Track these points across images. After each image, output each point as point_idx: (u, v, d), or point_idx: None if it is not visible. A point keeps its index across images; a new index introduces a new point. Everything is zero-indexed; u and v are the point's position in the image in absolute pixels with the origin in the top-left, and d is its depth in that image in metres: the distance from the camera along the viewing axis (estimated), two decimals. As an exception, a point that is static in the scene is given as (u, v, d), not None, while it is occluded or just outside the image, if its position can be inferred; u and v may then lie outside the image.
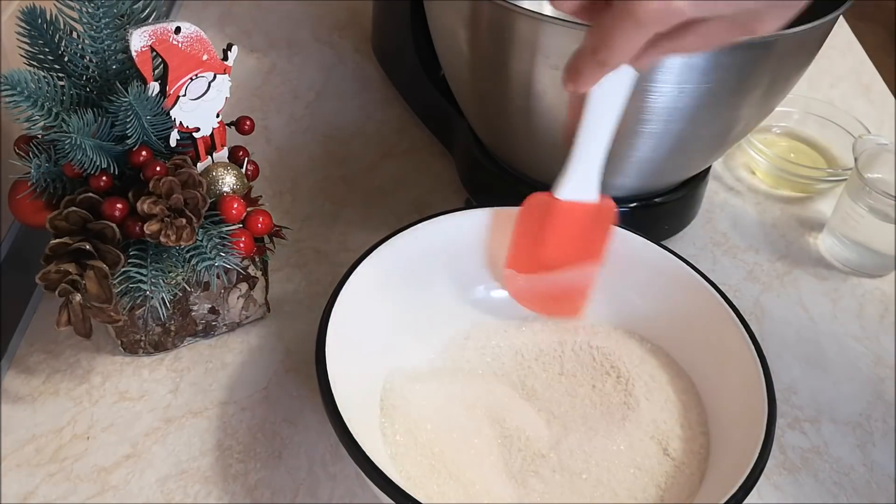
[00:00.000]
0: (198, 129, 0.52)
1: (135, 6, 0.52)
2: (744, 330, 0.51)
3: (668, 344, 0.56)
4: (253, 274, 0.58)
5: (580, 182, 0.53)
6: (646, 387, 0.54)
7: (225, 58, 0.51)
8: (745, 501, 0.43)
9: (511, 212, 0.57)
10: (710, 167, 0.70)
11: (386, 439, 0.50)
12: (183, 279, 0.53)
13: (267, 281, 0.59)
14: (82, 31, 0.51)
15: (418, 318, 0.56)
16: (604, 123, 0.50)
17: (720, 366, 0.52)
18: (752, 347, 0.50)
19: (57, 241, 0.49)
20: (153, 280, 0.51)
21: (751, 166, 0.79)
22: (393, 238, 0.55)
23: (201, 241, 0.51)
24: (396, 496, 0.42)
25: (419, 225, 0.56)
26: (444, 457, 0.49)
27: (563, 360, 0.56)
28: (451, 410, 0.52)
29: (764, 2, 0.39)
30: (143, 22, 0.52)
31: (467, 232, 0.57)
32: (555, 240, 0.55)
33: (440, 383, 0.54)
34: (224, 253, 0.51)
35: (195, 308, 0.57)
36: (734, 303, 0.53)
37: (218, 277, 0.53)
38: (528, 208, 0.55)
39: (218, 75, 0.51)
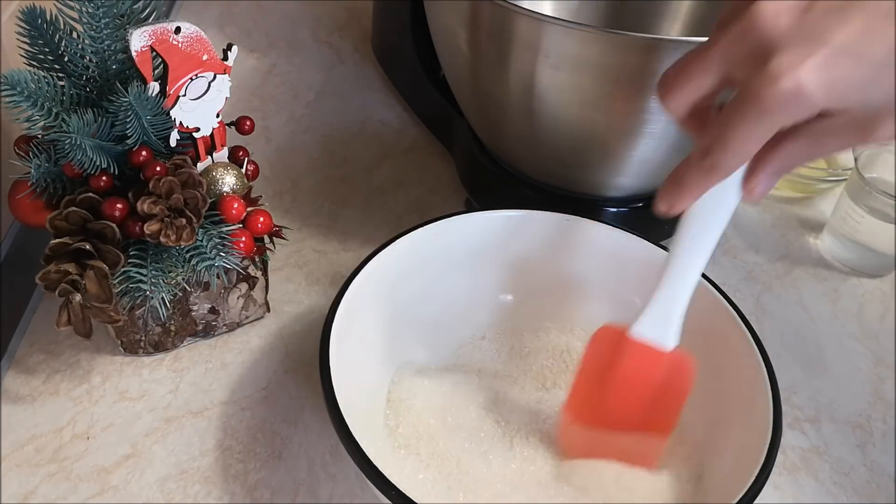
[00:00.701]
0: (198, 129, 0.52)
1: (135, 6, 0.52)
2: (746, 330, 0.51)
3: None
4: (253, 274, 0.58)
5: (660, 320, 0.46)
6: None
7: (225, 58, 0.51)
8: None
9: (516, 215, 0.57)
10: (710, 167, 0.70)
11: (389, 431, 0.50)
12: (183, 279, 0.53)
13: (267, 281, 0.59)
14: (82, 31, 0.51)
15: (428, 318, 0.56)
16: (697, 254, 0.44)
17: (721, 368, 0.52)
18: (755, 348, 0.50)
19: (57, 241, 0.49)
20: (153, 280, 0.51)
21: (751, 166, 0.79)
22: (401, 238, 0.54)
23: (201, 241, 0.51)
24: (396, 497, 0.42)
25: (429, 225, 0.55)
26: (446, 453, 0.49)
27: (574, 367, 0.56)
28: (456, 407, 0.52)
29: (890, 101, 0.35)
30: (143, 22, 0.52)
31: (475, 235, 0.57)
32: (622, 386, 0.47)
33: (448, 380, 0.54)
34: (224, 253, 0.51)
35: (195, 308, 0.57)
36: (735, 303, 0.53)
37: (218, 277, 0.53)
38: (598, 342, 0.48)
39: (218, 75, 0.51)
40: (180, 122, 0.51)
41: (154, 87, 0.49)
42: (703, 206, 0.42)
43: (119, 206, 0.50)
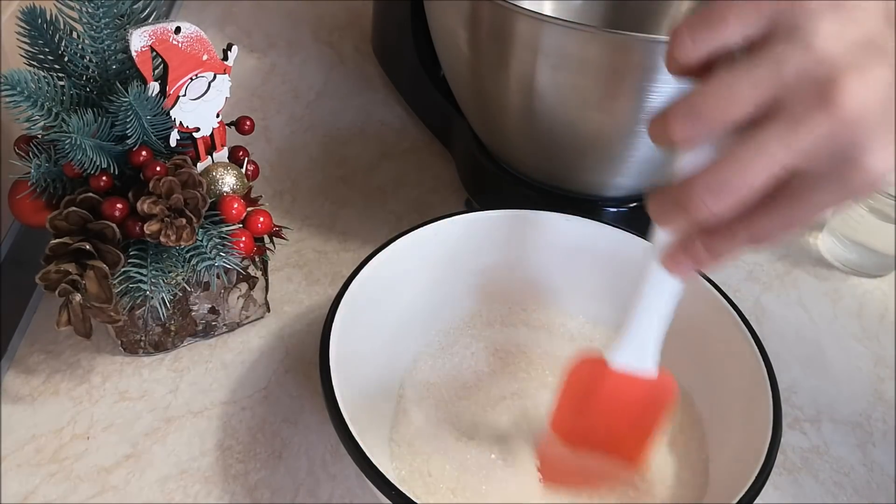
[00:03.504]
0: (198, 129, 0.52)
1: (135, 6, 0.52)
2: (746, 330, 0.51)
3: (666, 346, 0.56)
4: (253, 274, 0.58)
5: (637, 349, 0.46)
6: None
7: (225, 58, 0.51)
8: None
9: (516, 215, 0.57)
10: (710, 167, 0.70)
11: (388, 435, 0.50)
12: (183, 279, 0.53)
13: (267, 281, 0.59)
14: (82, 31, 0.51)
15: (428, 318, 0.56)
16: (670, 281, 0.43)
17: (721, 368, 0.52)
18: (755, 348, 0.50)
19: (57, 241, 0.49)
20: (153, 280, 0.51)
21: (751, 166, 0.79)
22: (401, 238, 0.54)
23: (201, 241, 0.51)
24: (396, 497, 0.42)
25: (429, 225, 0.55)
26: (447, 456, 0.49)
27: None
28: (458, 409, 0.52)
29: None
30: (143, 22, 0.52)
31: (475, 235, 0.57)
32: (603, 412, 0.47)
33: (449, 381, 0.54)
34: (224, 253, 0.51)
35: (195, 308, 0.57)
36: (735, 303, 0.53)
37: (218, 277, 0.53)
38: (578, 368, 0.48)
39: (218, 75, 0.51)
40: (180, 122, 0.51)
41: (154, 87, 0.49)
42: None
43: (119, 206, 0.50)
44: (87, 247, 0.49)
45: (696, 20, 0.35)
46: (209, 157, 0.54)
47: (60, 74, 0.51)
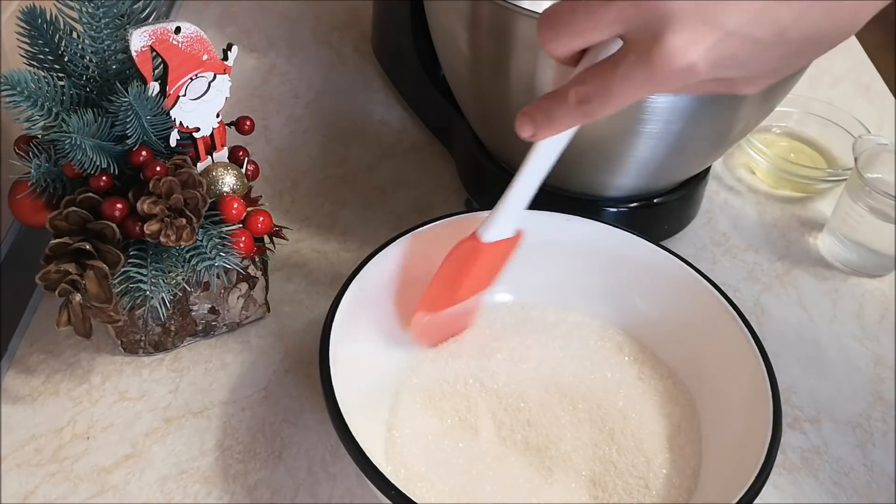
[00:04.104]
0: (198, 129, 0.52)
1: (135, 6, 0.52)
2: (746, 330, 0.51)
3: (666, 346, 0.56)
4: (253, 274, 0.58)
5: (507, 223, 0.51)
6: (639, 400, 0.54)
7: (225, 58, 0.51)
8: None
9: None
10: (710, 167, 0.70)
11: (388, 435, 0.50)
12: (183, 279, 0.53)
13: (267, 281, 0.59)
14: (82, 31, 0.51)
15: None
16: (541, 171, 0.48)
17: (721, 368, 0.52)
18: (755, 348, 0.50)
19: (57, 241, 0.49)
20: (153, 280, 0.51)
21: (751, 166, 0.79)
22: (401, 238, 0.55)
23: (201, 241, 0.51)
24: (396, 497, 0.42)
25: (429, 225, 0.55)
26: (446, 455, 0.49)
27: (568, 368, 0.56)
28: (455, 409, 0.52)
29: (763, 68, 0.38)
30: (143, 22, 0.52)
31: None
32: (470, 278, 0.53)
33: (447, 380, 0.54)
34: (224, 253, 0.51)
35: (195, 308, 0.57)
36: (735, 303, 0.53)
37: (218, 277, 0.53)
38: (455, 254, 0.52)
39: (218, 75, 0.51)
40: (180, 122, 0.51)
41: (154, 87, 0.49)
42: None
43: (119, 206, 0.50)
44: (87, 247, 0.49)
45: (556, 27, 0.40)
46: (209, 157, 0.54)
47: (60, 74, 0.51)
